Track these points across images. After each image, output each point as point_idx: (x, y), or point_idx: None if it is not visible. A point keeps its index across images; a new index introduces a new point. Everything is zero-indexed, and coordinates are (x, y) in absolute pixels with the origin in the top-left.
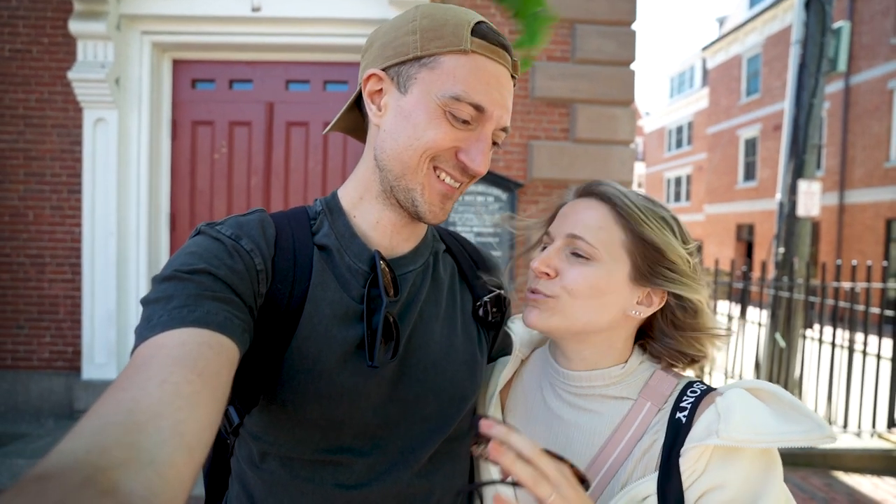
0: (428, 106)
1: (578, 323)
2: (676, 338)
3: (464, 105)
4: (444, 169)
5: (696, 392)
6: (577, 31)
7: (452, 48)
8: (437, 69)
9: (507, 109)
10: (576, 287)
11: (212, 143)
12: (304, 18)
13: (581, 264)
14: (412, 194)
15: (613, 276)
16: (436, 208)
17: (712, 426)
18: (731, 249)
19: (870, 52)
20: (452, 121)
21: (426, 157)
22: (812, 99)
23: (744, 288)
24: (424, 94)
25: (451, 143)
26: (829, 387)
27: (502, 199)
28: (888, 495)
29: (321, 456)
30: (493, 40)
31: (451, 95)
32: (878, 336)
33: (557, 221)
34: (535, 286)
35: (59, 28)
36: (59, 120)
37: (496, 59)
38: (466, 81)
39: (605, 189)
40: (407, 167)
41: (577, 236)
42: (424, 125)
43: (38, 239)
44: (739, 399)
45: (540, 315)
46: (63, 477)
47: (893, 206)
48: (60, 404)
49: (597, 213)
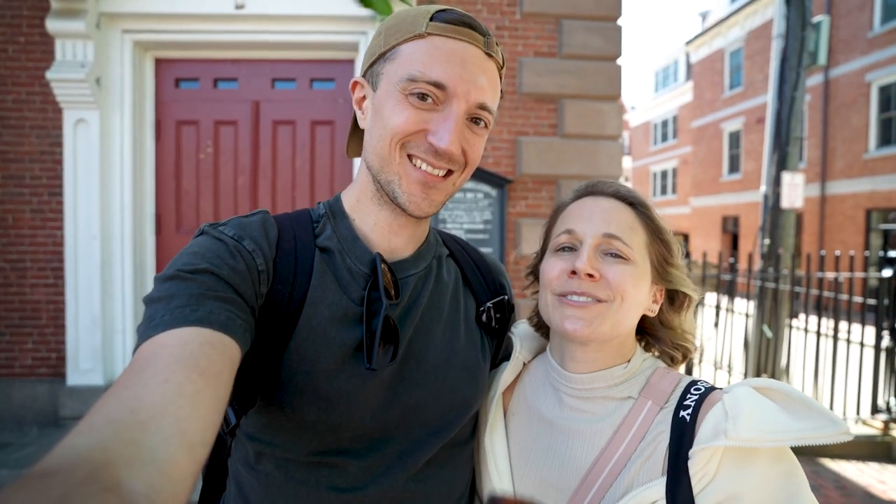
0: (392, 94)
1: (622, 326)
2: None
3: (421, 84)
4: (417, 155)
5: (700, 390)
6: (564, 27)
7: (409, 35)
8: (397, 59)
9: (476, 85)
10: (626, 289)
11: (197, 143)
12: (290, 16)
13: (620, 265)
14: (392, 186)
15: (645, 275)
16: (416, 198)
17: (720, 426)
18: (717, 241)
19: (848, 46)
20: (416, 103)
21: (395, 144)
22: (794, 92)
23: (731, 280)
24: (388, 84)
25: (416, 125)
26: (814, 375)
27: (492, 196)
28: (872, 480)
29: (317, 458)
30: (455, 21)
31: (407, 77)
32: (861, 324)
33: (578, 221)
34: (578, 289)
35: (36, 27)
36: (38, 121)
37: (458, 37)
38: (422, 61)
39: (622, 190)
40: (383, 159)
41: (614, 236)
42: (389, 113)
43: (18, 243)
44: (746, 396)
45: (590, 324)
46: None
47: (873, 197)
48: (45, 412)
49: (625, 214)
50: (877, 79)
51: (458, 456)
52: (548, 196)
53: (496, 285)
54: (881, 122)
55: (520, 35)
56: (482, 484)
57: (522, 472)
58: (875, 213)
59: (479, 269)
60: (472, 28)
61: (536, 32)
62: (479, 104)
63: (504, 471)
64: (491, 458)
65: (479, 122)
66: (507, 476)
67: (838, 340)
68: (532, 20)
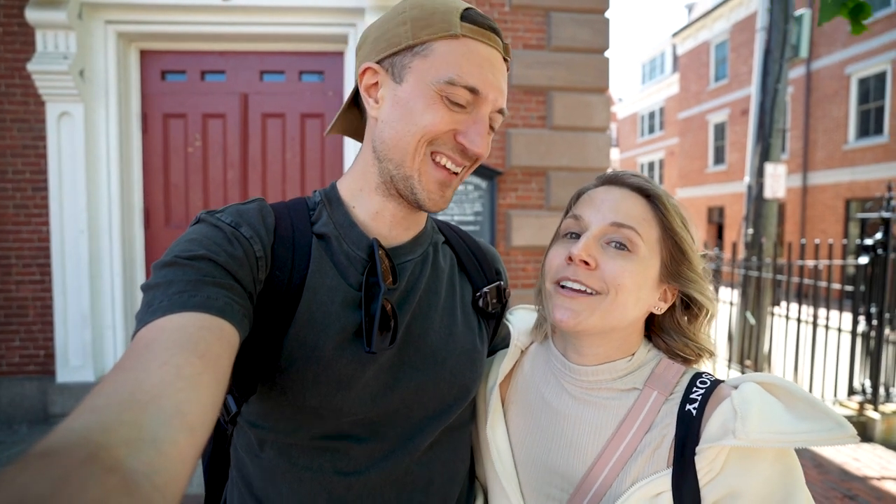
0: (424, 92)
1: (615, 320)
2: (673, 337)
3: (458, 88)
4: (443, 153)
5: (706, 383)
6: (552, 20)
7: (443, 34)
8: (431, 56)
9: (501, 91)
10: (622, 282)
11: (185, 136)
12: (278, 7)
13: (622, 257)
14: (411, 182)
15: (650, 271)
16: (435, 196)
17: (728, 424)
18: (703, 231)
19: (828, 39)
20: (449, 105)
21: (424, 142)
22: (777, 84)
23: (716, 269)
24: (420, 81)
25: (449, 126)
26: (794, 360)
27: (482, 188)
28: (847, 458)
29: (319, 442)
30: (483, 24)
31: (446, 80)
32: (839, 311)
33: (587, 208)
34: (573, 276)
35: (15, 17)
36: (19, 114)
37: (487, 42)
38: (460, 65)
39: (642, 182)
40: (405, 154)
41: (623, 225)
42: (422, 110)
43: (1, 240)
44: (755, 395)
45: (577, 315)
46: (66, 453)
47: (852, 187)
48: (34, 409)
49: (638, 204)
50: (856, 71)
51: (459, 439)
52: (537, 188)
53: (492, 271)
54: (860, 114)
55: (509, 27)
56: (483, 471)
57: (526, 462)
58: (854, 202)
59: (475, 256)
60: (495, 33)
61: (525, 25)
62: (499, 109)
63: (507, 459)
64: (493, 448)
65: (493, 126)
66: (510, 464)
67: (818, 327)
68: (521, 13)
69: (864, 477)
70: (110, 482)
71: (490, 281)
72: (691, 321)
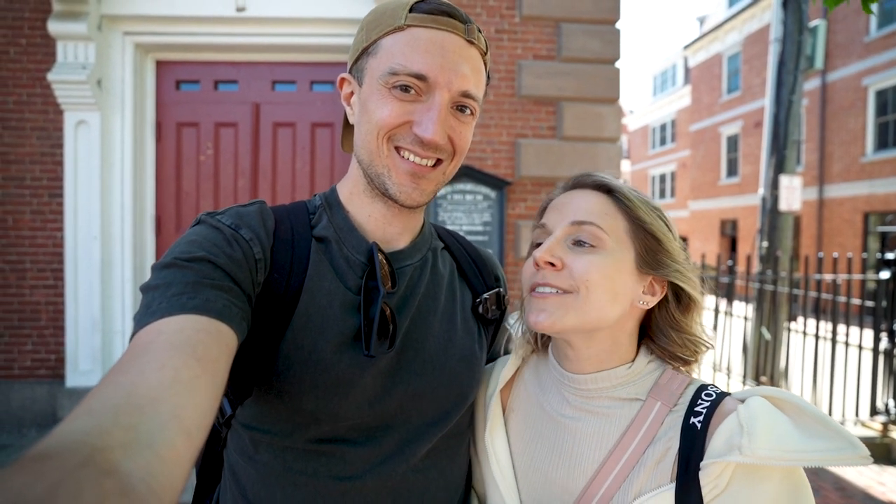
0: (376, 89)
1: (592, 318)
2: (671, 337)
3: (402, 77)
4: (405, 147)
5: (712, 396)
6: (563, 30)
7: (389, 28)
8: (378, 53)
9: (458, 73)
10: (590, 278)
11: (197, 144)
12: (290, 18)
13: (588, 253)
14: (382, 178)
15: (622, 264)
16: (407, 188)
17: (734, 440)
18: (716, 245)
19: (844, 51)
20: (399, 95)
21: (382, 138)
22: (791, 96)
23: (730, 282)
24: (371, 79)
25: (401, 117)
26: (813, 377)
27: (491, 198)
28: (872, 481)
29: (315, 446)
30: (433, 10)
31: (389, 71)
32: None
33: (551, 214)
34: (542, 280)
35: (38, 29)
36: (39, 122)
37: (438, 26)
38: (402, 54)
39: (599, 178)
40: (371, 153)
41: (584, 222)
42: (374, 108)
43: (17, 244)
44: (762, 410)
45: (551, 315)
46: (63, 457)
47: (870, 200)
48: (44, 413)
49: (598, 200)
50: (873, 83)
51: (456, 447)
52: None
53: (492, 278)
54: (878, 126)
55: (519, 38)
56: (482, 482)
57: (526, 471)
58: (872, 215)
59: (475, 262)
60: (451, 16)
61: (535, 35)
62: (463, 92)
63: (506, 469)
64: (492, 457)
65: (464, 110)
66: (510, 475)
67: (836, 343)
68: (531, 23)
69: (890, 502)
70: (106, 485)
71: (489, 287)
72: (684, 314)
